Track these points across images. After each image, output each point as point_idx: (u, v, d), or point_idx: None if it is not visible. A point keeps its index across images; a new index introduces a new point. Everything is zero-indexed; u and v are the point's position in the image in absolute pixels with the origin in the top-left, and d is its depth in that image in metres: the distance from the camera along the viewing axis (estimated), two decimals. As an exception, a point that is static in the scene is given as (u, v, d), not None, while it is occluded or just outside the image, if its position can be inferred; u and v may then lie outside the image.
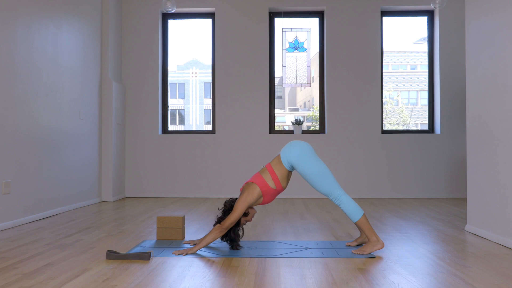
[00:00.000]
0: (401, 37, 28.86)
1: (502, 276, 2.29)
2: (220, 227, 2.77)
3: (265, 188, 2.84)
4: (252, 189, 2.83)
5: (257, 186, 2.84)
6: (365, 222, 2.78)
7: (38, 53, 4.24)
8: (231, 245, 2.86)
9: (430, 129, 6.24)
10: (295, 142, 2.91)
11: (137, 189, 6.11)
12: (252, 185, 2.85)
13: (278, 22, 6.31)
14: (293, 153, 2.84)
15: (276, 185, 2.86)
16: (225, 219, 2.78)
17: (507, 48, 3.04)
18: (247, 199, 2.80)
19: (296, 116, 20.43)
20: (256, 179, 2.87)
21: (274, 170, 2.87)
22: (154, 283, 2.15)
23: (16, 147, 3.88)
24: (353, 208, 2.78)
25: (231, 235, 2.83)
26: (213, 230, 2.79)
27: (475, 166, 3.47)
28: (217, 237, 2.80)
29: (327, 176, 2.80)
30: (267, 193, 2.86)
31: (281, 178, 2.87)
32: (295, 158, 2.82)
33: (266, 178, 2.86)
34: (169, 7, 5.13)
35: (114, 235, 3.36)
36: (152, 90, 6.16)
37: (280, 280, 2.21)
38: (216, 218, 2.92)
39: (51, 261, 2.58)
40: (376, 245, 2.74)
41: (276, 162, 2.90)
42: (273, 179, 2.86)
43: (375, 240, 2.75)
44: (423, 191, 6.00)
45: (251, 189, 2.83)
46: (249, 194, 2.81)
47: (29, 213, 4.04)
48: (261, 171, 2.92)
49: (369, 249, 2.74)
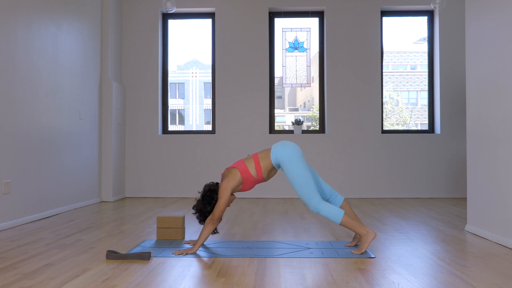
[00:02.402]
0: (401, 37, 28.86)
1: (502, 276, 2.29)
2: (211, 220, 2.79)
3: (246, 175, 2.86)
4: (233, 174, 2.85)
5: (238, 172, 2.86)
6: (348, 220, 2.77)
7: (38, 53, 4.24)
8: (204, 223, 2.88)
9: (430, 129, 6.24)
10: (288, 143, 2.92)
11: (137, 189, 6.11)
12: (233, 171, 2.87)
13: (278, 22, 6.31)
14: (284, 152, 2.84)
15: (257, 174, 2.88)
16: (214, 210, 2.79)
17: (507, 48, 3.04)
18: (229, 185, 2.82)
19: (296, 116, 20.42)
20: (238, 165, 2.89)
21: (260, 161, 2.89)
22: (154, 283, 2.15)
23: (16, 147, 3.88)
24: (332, 212, 2.77)
25: (206, 216, 2.85)
26: (206, 225, 2.80)
27: (475, 166, 3.47)
28: (211, 230, 2.81)
29: (309, 184, 2.79)
30: (247, 180, 2.88)
31: (264, 170, 2.89)
32: (285, 158, 2.83)
33: (249, 166, 2.88)
34: (169, 7, 5.13)
35: (114, 235, 3.36)
36: (152, 90, 6.16)
37: (280, 280, 2.21)
38: (195, 201, 2.93)
39: (51, 261, 2.58)
40: (368, 238, 2.74)
41: (264, 155, 2.91)
42: (256, 169, 2.87)
43: (366, 233, 2.75)
44: (423, 191, 6.00)
45: (233, 175, 2.85)
46: (231, 180, 2.83)
47: (29, 213, 4.04)
48: (246, 159, 2.93)
49: (364, 244, 2.74)
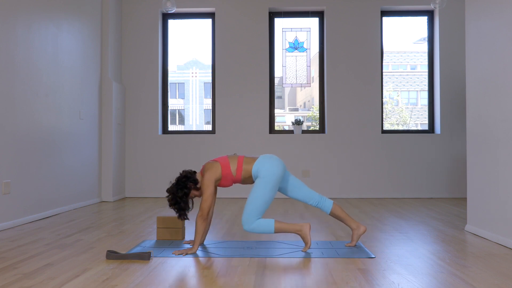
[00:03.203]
0: (401, 37, 28.86)
1: (502, 276, 2.29)
2: (201, 215, 2.78)
3: (226, 171, 2.87)
4: (215, 168, 2.86)
5: (220, 166, 2.87)
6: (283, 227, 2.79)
7: (38, 53, 4.24)
8: (178, 214, 2.86)
9: (430, 129, 6.24)
10: (277, 161, 2.89)
11: (137, 189, 6.11)
12: (215, 164, 2.88)
13: (278, 22, 6.31)
14: (268, 169, 2.83)
15: (237, 173, 2.88)
16: (201, 205, 2.79)
17: (507, 48, 3.04)
18: (211, 177, 2.83)
19: (296, 116, 20.42)
20: (221, 160, 2.90)
21: (243, 163, 2.89)
22: (154, 283, 2.15)
23: (16, 147, 3.88)
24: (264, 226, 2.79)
25: (181, 204, 2.84)
26: (197, 222, 2.79)
27: (475, 166, 3.47)
28: (204, 225, 2.80)
29: (261, 208, 2.79)
30: (226, 177, 2.88)
31: (243, 173, 2.89)
32: (265, 174, 2.82)
33: (232, 164, 2.89)
34: (169, 7, 5.13)
35: (114, 235, 3.36)
36: (152, 90, 6.17)
37: (280, 280, 2.21)
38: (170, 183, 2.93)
39: (51, 261, 2.58)
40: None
41: (249, 160, 2.91)
42: (237, 168, 2.88)
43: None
44: (423, 191, 6.00)
45: (215, 168, 2.86)
46: (213, 173, 2.84)
47: (29, 213, 4.04)
48: (230, 157, 2.94)
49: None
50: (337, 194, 5.99)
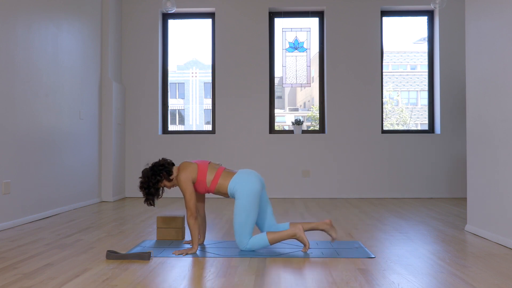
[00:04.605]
0: (401, 37, 28.87)
1: (502, 276, 2.29)
2: (190, 215, 2.77)
3: (202, 178, 2.84)
4: (192, 169, 2.84)
5: (197, 170, 2.84)
6: (274, 236, 2.79)
7: (38, 53, 4.24)
8: (146, 198, 2.87)
9: (430, 129, 6.24)
10: (252, 177, 2.84)
11: (137, 189, 6.08)
12: (192, 166, 2.85)
13: (278, 22, 6.31)
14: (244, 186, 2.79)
15: (211, 186, 2.86)
16: (186, 206, 2.78)
17: (507, 48, 3.04)
18: (188, 177, 2.80)
19: (296, 116, 20.42)
20: (201, 165, 2.87)
21: (220, 177, 2.86)
22: (154, 283, 2.15)
23: (16, 147, 3.88)
24: (258, 241, 2.79)
25: (151, 190, 2.84)
26: (189, 222, 2.78)
27: (475, 166, 3.47)
28: (196, 224, 2.79)
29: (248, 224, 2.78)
30: (200, 183, 2.85)
31: (217, 187, 2.86)
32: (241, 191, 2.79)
33: (209, 173, 2.86)
34: (169, 7, 5.13)
35: (114, 235, 3.36)
36: (152, 90, 6.17)
37: (280, 280, 2.21)
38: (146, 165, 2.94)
39: (51, 261, 2.58)
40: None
41: (227, 176, 2.87)
42: (212, 181, 2.85)
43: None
44: (423, 191, 6.00)
45: (191, 169, 2.84)
46: (189, 173, 2.82)
47: (29, 213, 4.05)
48: (211, 165, 2.91)
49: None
50: (337, 194, 5.99)
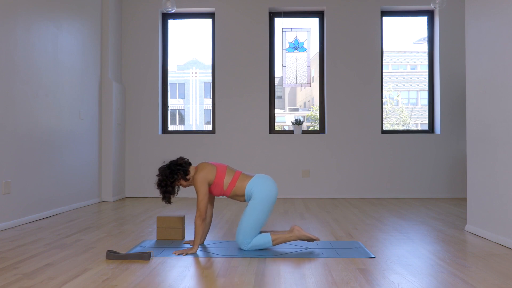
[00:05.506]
0: (401, 37, 28.88)
1: (502, 276, 2.29)
2: (199, 215, 2.78)
3: (219, 181, 2.85)
4: (210, 170, 2.85)
5: (215, 172, 2.85)
6: (277, 237, 2.82)
7: (38, 53, 4.24)
8: (163, 196, 2.89)
9: (430, 129, 6.24)
10: (271, 183, 2.87)
11: (137, 189, 6.11)
12: (211, 167, 2.86)
13: (278, 22, 6.31)
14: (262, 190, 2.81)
15: (227, 189, 2.87)
16: (197, 206, 2.80)
17: (507, 48, 3.04)
18: (204, 178, 2.82)
19: (296, 116, 20.43)
20: (219, 167, 2.88)
21: (238, 180, 2.87)
22: (154, 283, 2.15)
23: (16, 147, 3.88)
24: (261, 240, 2.81)
25: (168, 189, 2.86)
26: (196, 222, 2.79)
27: (475, 166, 3.47)
28: (203, 225, 2.81)
29: (256, 228, 2.80)
30: (216, 185, 2.86)
31: (235, 189, 2.87)
32: (258, 195, 2.81)
33: (227, 176, 2.87)
34: (169, 7, 5.13)
35: (114, 235, 3.36)
36: (152, 90, 6.17)
37: (280, 280, 2.21)
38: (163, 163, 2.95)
39: (51, 261, 2.58)
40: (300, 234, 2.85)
41: (244, 178, 2.88)
42: (230, 184, 2.86)
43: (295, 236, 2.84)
44: (423, 191, 6.00)
45: (209, 170, 2.85)
46: (206, 174, 2.83)
47: (29, 213, 4.05)
48: (230, 168, 2.93)
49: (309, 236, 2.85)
50: (337, 194, 5.99)
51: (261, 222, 2.81)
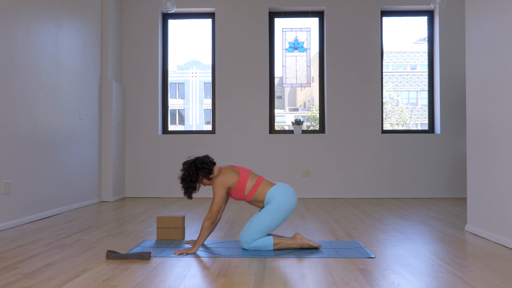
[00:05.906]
0: (401, 37, 28.87)
1: (502, 276, 2.29)
2: (210, 217, 2.79)
3: (241, 185, 2.86)
4: (232, 176, 2.85)
5: (238, 176, 2.86)
6: (279, 241, 2.82)
7: (38, 53, 4.24)
8: (185, 191, 2.90)
9: (430, 129, 6.24)
10: (293, 195, 2.88)
11: (137, 189, 6.11)
12: (234, 173, 2.86)
13: (278, 22, 6.31)
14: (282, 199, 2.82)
15: (249, 193, 2.87)
16: (211, 207, 2.80)
17: (507, 48, 3.04)
18: (225, 183, 2.82)
19: (296, 116, 20.43)
20: (242, 172, 2.89)
21: (260, 185, 2.87)
22: (154, 283, 2.15)
23: (16, 147, 3.88)
24: (263, 243, 2.81)
25: (191, 184, 2.87)
26: (205, 223, 2.80)
27: (475, 166, 3.47)
28: (211, 228, 2.82)
29: (264, 232, 2.81)
30: (238, 190, 2.87)
31: (255, 195, 2.87)
32: (277, 202, 2.81)
33: (250, 181, 2.87)
34: (169, 7, 5.12)
35: (114, 235, 3.36)
36: (152, 90, 6.17)
37: (280, 280, 2.21)
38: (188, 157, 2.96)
39: (51, 261, 2.58)
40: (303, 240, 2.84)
41: (267, 184, 2.89)
42: (252, 188, 2.86)
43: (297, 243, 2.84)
44: (423, 191, 6.00)
45: (231, 176, 2.85)
46: (228, 179, 2.83)
47: (29, 213, 4.04)
48: (252, 173, 2.93)
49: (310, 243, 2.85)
50: (337, 194, 5.99)
51: (271, 228, 2.82)
